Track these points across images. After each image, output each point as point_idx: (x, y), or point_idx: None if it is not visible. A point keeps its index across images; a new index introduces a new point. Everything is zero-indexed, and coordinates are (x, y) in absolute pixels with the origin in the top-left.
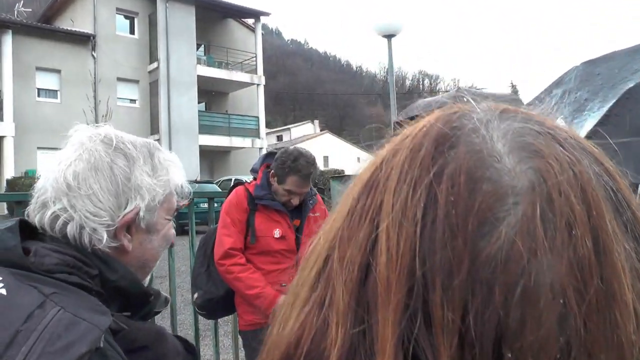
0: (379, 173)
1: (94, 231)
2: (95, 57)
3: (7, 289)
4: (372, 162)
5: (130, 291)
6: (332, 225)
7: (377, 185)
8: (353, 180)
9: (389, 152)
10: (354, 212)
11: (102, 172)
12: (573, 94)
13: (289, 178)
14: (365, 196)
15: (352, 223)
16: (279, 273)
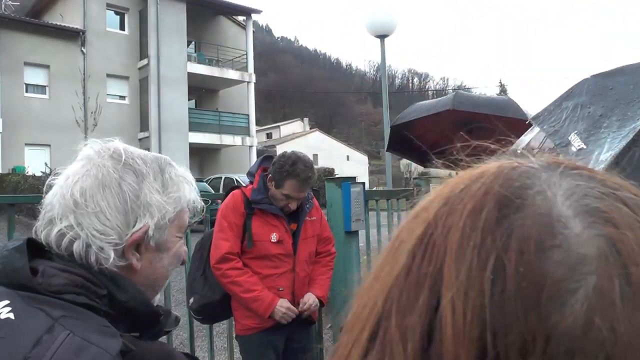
0: (433, 230)
1: (100, 250)
2: (85, 53)
3: (15, 313)
4: (420, 212)
5: (140, 311)
6: (383, 280)
7: (434, 245)
8: (398, 230)
9: (441, 205)
10: (409, 272)
11: (110, 189)
12: (586, 109)
13: (287, 182)
14: (421, 256)
15: (408, 285)
16: (276, 277)
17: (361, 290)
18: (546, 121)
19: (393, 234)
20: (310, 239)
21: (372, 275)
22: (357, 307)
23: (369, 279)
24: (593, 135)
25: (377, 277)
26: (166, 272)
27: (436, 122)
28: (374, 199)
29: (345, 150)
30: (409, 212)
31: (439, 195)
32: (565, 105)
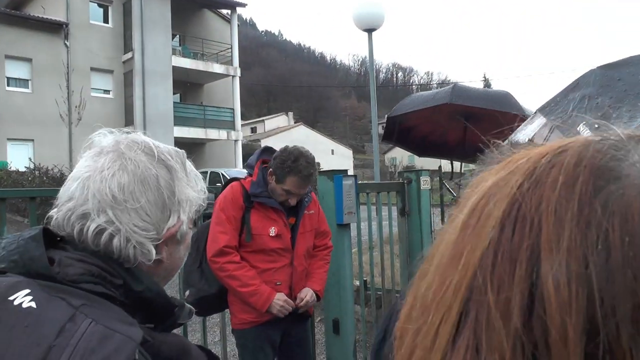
0: (521, 204)
1: (140, 245)
2: (68, 46)
3: (36, 302)
4: (492, 189)
5: (156, 302)
6: (467, 257)
7: (525, 218)
8: (470, 208)
9: (525, 179)
10: (499, 247)
11: (149, 185)
12: (594, 100)
13: (289, 178)
14: (511, 230)
15: (501, 260)
16: (274, 272)
17: (433, 271)
18: (553, 112)
19: (459, 212)
20: (309, 232)
21: (445, 255)
22: (433, 287)
23: (442, 259)
24: (603, 126)
25: (456, 256)
26: (181, 262)
27: (433, 113)
28: (364, 192)
29: (330, 144)
30: (468, 190)
31: (517, 170)
32: (571, 96)
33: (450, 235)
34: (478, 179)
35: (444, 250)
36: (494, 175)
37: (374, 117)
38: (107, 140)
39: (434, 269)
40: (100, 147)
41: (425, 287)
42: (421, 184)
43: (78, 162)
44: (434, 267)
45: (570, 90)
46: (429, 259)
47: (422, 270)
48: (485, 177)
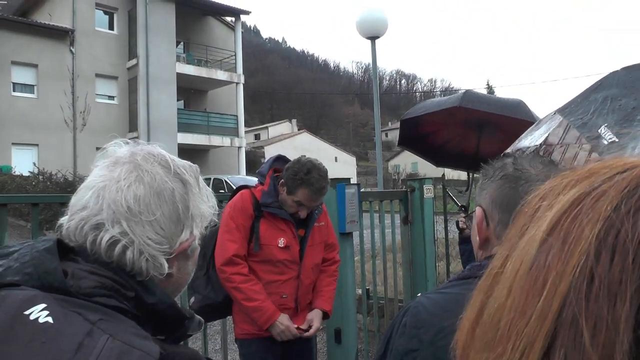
0: (619, 230)
1: (153, 258)
2: (74, 52)
3: (53, 317)
4: (576, 204)
5: (167, 314)
6: (553, 284)
7: (625, 249)
8: (550, 223)
9: (620, 201)
10: (593, 276)
11: (164, 198)
12: (617, 101)
13: (300, 190)
14: (608, 260)
15: (597, 295)
16: (281, 284)
17: (506, 290)
18: (573, 113)
19: (534, 224)
20: (318, 245)
21: (521, 276)
22: (509, 312)
23: (518, 280)
24: (625, 128)
25: (538, 279)
26: (189, 277)
27: (447, 121)
28: (367, 201)
29: (333, 151)
30: (538, 199)
31: (609, 187)
32: (593, 97)
33: (525, 252)
34: (551, 187)
35: (518, 269)
36: (572, 187)
37: (377, 124)
38: (122, 151)
39: (506, 288)
40: (115, 157)
41: (497, 306)
42: (424, 192)
43: (92, 171)
44: (506, 285)
45: (592, 91)
46: (492, 274)
47: (484, 285)
48: (558, 188)
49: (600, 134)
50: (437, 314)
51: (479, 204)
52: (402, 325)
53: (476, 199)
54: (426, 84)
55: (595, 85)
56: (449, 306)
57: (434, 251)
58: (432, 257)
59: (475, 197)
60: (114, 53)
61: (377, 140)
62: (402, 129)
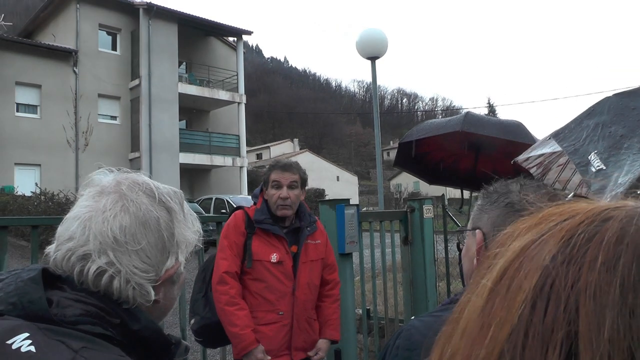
0: (555, 280)
1: (140, 286)
2: (77, 73)
3: (35, 346)
4: (521, 254)
5: (153, 340)
6: (495, 331)
7: (559, 298)
8: (498, 273)
9: (559, 250)
10: (529, 326)
11: (150, 227)
12: (607, 128)
13: (271, 174)
14: (543, 309)
15: (532, 342)
16: (276, 300)
17: (459, 337)
18: (566, 139)
19: (486, 273)
20: (314, 262)
21: (472, 323)
22: (459, 357)
23: (469, 326)
24: (613, 156)
25: (484, 326)
26: (174, 301)
27: (444, 141)
28: (367, 221)
29: (335, 170)
30: (495, 247)
31: (550, 236)
32: (586, 123)
33: (477, 300)
34: (506, 235)
35: (471, 316)
36: (524, 234)
37: (377, 144)
38: (107, 180)
39: (460, 335)
40: (101, 187)
41: (451, 352)
42: (424, 212)
43: (78, 200)
44: (460, 332)
45: (584, 117)
46: (453, 321)
47: (446, 332)
48: (514, 234)
49: (590, 161)
50: (430, 336)
51: (478, 226)
52: (395, 347)
53: (472, 218)
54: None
55: (588, 110)
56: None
57: (434, 271)
58: (432, 277)
59: (472, 216)
60: (116, 73)
61: (378, 160)
62: (400, 151)
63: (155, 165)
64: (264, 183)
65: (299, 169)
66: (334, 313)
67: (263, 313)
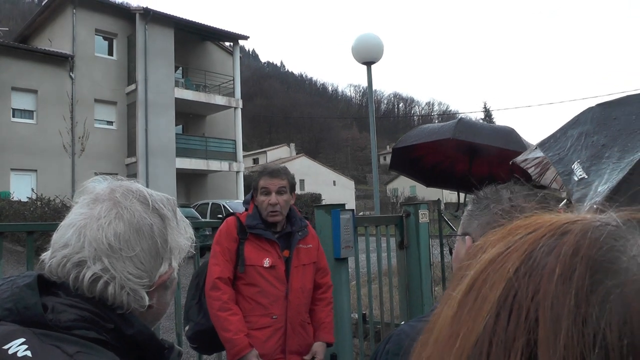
0: (517, 291)
1: (134, 292)
2: (73, 78)
3: (32, 351)
4: (489, 266)
5: (146, 345)
6: (463, 340)
7: (520, 308)
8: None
9: (521, 263)
10: (494, 335)
11: (143, 234)
12: (590, 137)
13: (260, 181)
14: (506, 319)
15: (495, 350)
16: (269, 304)
17: (432, 346)
18: (552, 148)
19: (458, 284)
20: (306, 266)
21: (442, 332)
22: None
23: (440, 335)
24: (594, 165)
25: (452, 335)
26: (167, 307)
27: (439, 145)
28: (363, 226)
29: (332, 175)
30: (467, 259)
31: (515, 249)
32: (570, 133)
33: (449, 310)
34: (477, 247)
35: (442, 325)
36: (492, 247)
37: (373, 149)
38: (101, 187)
39: (432, 344)
40: (95, 194)
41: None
42: (420, 217)
43: (72, 208)
44: (432, 341)
45: (569, 126)
46: (429, 329)
47: (423, 340)
48: (484, 246)
49: (573, 170)
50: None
51: (468, 231)
52: (385, 352)
53: (462, 223)
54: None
55: (573, 120)
56: None
57: (430, 275)
58: (428, 281)
59: (462, 221)
60: (113, 78)
61: (374, 164)
62: (394, 155)
63: (152, 170)
64: (253, 190)
65: (287, 174)
66: (327, 316)
67: (256, 317)
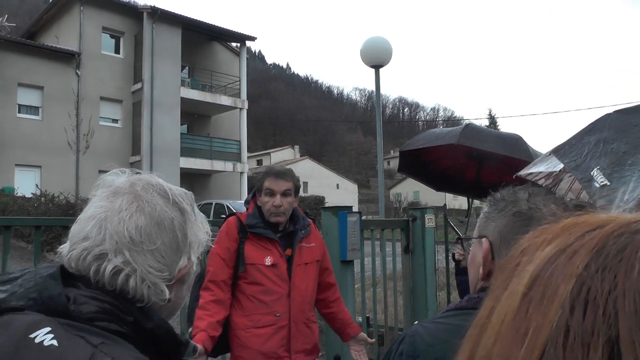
0: (591, 287)
1: (154, 285)
2: (79, 75)
3: (57, 341)
4: (552, 261)
5: (164, 339)
6: (533, 336)
7: (596, 304)
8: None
9: (591, 259)
10: (569, 330)
11: (164, 227)
12: (609, 144)
13: (265, 181)
14: (582, 314)
15: (573, 345)
16: (272, 303)
17: (491, 341)
18: (567, 155)
19: (516, 278)
20: (308, 265)
21: (506, 327)
22: (494, 359)
23: (502, 331)
24: (617, 172)
25: (520, 331)
26: (183, 302)
27: (448, 150)
28: (369, 229)
29: (335, 178)
30: (518, 254)
31: (580, 246)
32: (587, 139)
33: (508, 303)
34: (529, 243)
35: (503, 320)
36: (549, 243)
37: (379, 153)
38: (121, 181)
39: (492, 339)
40: (115, 187)
41: (484, 354)
42: (426, 221)
43: (90, 201)
44: (492, 334)
45: (585, 133)
46: (479, 325)
47: (473, 334)
48: (539, 243)
49: (593, 177)
50: (434, 344)
51: (484, 234)
52: (399, 353)
53: (479, 226)
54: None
55: (589, 127)
56: (445, 337)
57: (434, 280)
58: (432, 286)
59: (478, 224)
60: (119, 76)
61: (380, 169)
62: (402, 158)
63: (156, 169)
64: (257, 189)
65: (292, 177)
66: (347, 313)
67: (259, 315)
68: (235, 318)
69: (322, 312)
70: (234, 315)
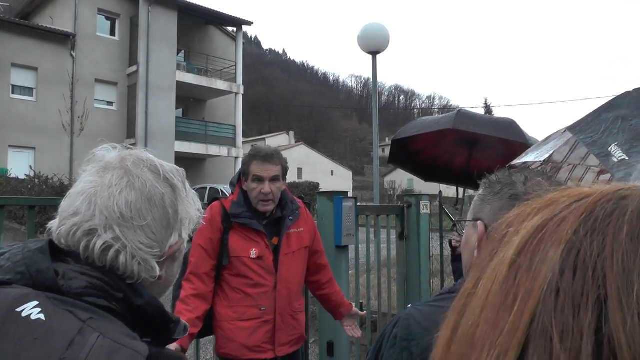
0: (580, 250)
1: (145, 262)
2: (74, 57)
3: (45, 314)
4: (540, 229)
5: (154, 316)
6: (523, 299)
7: (585, 266)
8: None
9: (581, 224)
10: (559, 291)
11: (155, 203)
12: (627, 121)
13: (251, 166)
14: (571, 276)
15: (562, 306)
16: (257, 296)
17: (479, 308)
18: (583, 131)
19: (503, 248)
20: (296, 252)
21: (493, 294)
22: (482, 326)
23: (490, 298)
24: (636, 148)
25: (508, 296)
26: (174, 279)
27: (438, 138)
28: (364, 215)
29: (330, 165)
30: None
31: (569, 214)
32: (604, 116)
33: (495, 272)
34: (516, 215)
35: (490, 288)
36: (536, 214)
37: (375, 139)
38: (111, 156)
39: (479, 307)
40: (105, 163)
41: (470, 323)
42: (421, 208)
43: (81, 176)
44: (479, 304)
45: (603, 110)
46: (465, 295)
47: (458, 305)
48: (525, 215)
49: (610, 152)
50: (428, 327)
51: (479, 217)
52: (393, 336)
53: (473, 208)
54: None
55: (607, 105)
56: (439, 320)
57: (428, 267)
58: (426, 273)
59: (473, 206)
60: (114, 59)
61: (375, 155)
62: (393, 148)
63: (151, 152)
64: (243, 173)
65: (280, 159)
66: (340, 293)
67: (244, 308)
68: (220, 309)
69: (316, 294)
70: (219, 306)
